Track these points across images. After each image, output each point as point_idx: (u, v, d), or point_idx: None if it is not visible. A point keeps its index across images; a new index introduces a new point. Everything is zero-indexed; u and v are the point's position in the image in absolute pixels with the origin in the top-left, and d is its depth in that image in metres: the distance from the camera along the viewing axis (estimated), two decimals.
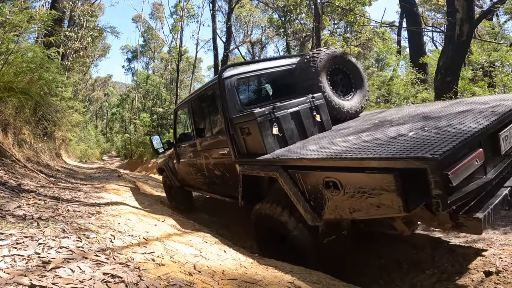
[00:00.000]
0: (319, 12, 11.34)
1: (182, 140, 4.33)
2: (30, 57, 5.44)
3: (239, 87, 2.95)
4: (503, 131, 1.89)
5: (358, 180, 1.65)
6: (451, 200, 1.43)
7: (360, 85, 3.26)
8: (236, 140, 2.78)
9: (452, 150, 1.42)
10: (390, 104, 6.00)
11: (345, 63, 3.22)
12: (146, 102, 28.74)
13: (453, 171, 1.41)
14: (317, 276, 1.90)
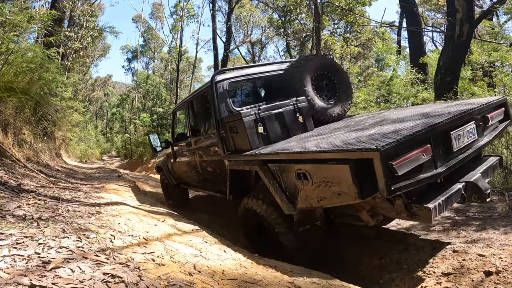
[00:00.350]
0: (319, 12, 11.34)
1: (179, 139, 4.48)
2: (30, 57, 5.44)
3: (230, 90, 3.17)
4: (455, 131, 2.10)
5: (322, 171, 1.87)
6: (395, 187, 1.62)
7: (344, 90, 3.45)
8: (225, 138, 2.99)
9: (393, 144, 1.63)
10: (390, 104, 6.01)
11: (332, 70, 3.41)
12: (146, 102, 28.73)
13: (397, 162, 1.62)
14: (317, 276, 1.90)
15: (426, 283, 1.99)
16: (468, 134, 2.24)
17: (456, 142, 2.11)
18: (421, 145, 1.78)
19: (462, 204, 2.53)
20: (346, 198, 1.78)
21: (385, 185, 1.58)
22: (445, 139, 2.05)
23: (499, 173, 3.97)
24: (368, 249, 2.65)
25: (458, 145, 2.12)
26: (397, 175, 1.62)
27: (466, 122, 2.23)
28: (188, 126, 4.10)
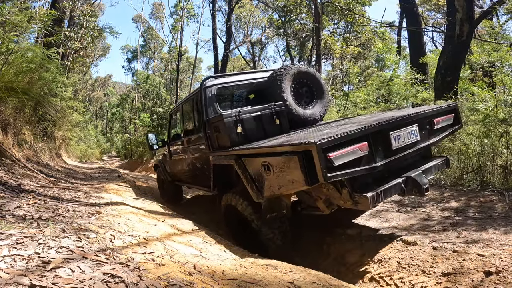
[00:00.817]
0: (319, 12, 11.34)
1: (175, 139, 4.78)
2: (30, 57, 5.44)
3: (218, 95, 3.51)
4: (394, 132, 2.39)
5: (280, 162, 2.19)
6: (331, 175, 1.92)
7: (321, 97, 3.74)
8: (210, 137, 3.37)
9: (329, 139, 1.94)
10: (390, 104, 6.01)
11: (310, 78, 3.69)
12: (146, 102, 28.73)
13: (333, 154, 1.93)
14: (316, 276, 1.90)
15: (426, 283, 1.99)
16: (408, 135, 2.54)
17: (395, 142, 2.40)
18: (358, 142, 2.09)
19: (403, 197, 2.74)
20: (297, 185, 2.09)
21: (321, 173, 1.88)
22: (384, 138, 2.34)
23: (499, 173, 3.98)
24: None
25: (398, 144, 2.41)
26: (334, 165, 1.93)
27: (407, 124, 2.55)
28: (181, 127, 4.50)
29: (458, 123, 3.10)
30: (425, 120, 2.75)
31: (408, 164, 2.60)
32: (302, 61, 22.62)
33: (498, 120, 3.98)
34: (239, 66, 30.90)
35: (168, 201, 5.36)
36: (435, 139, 2.82)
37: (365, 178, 2.31)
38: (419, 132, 2.64)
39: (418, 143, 2.62)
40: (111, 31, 17.47)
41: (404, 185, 2.34)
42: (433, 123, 2.80)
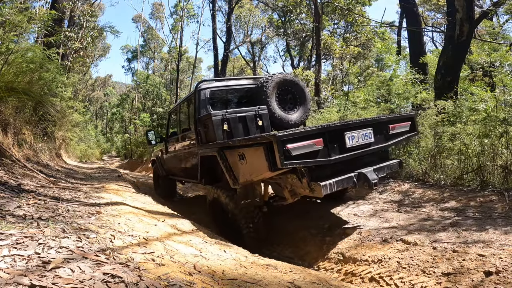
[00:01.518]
0: (319, 12, 11.34)
1: (172, 136, 5.19)
2: (30, 57, 5.44)
3: (210, 97, 3.90)
4: (349, 132, 2.78)
5: (251, 152, 2.63)
6: (288, 162, 2.32)
7: (304, 103, 4.06)
8: (200, 133, 3.80)
9: (287, 134, 2.36)
10: (390, 105, 6.01)
11: (294, 86, 4.04)
12: (146, 102, 28.72)
13: (291, 146, 2.33)
14: (316, 276, 1.90)
15: (426, 283, 1.99)
16: (363, 137, 2.90)
17: (349, 141, 2.78)
18: (314, 138, 2.49)
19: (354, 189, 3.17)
20: (263, 171, 2.52)
21: (279, 160, 2.29)
22: (339, 137, 2.74)
23: (499, 173, 3.98)
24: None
25: (352, 143, 2.80)
26: (291, 155, 2.33)
27: (362, 127, 2.92)
28: (178, 125, 4.90)
29: (414, 130, 3.48)
30: (380, 125, 3.13)
31: (365, 162, 3.00)
32: (302, 61, 22.63)
33: (499, 120, 3.98)
34: (239, 66, 30.89)
35: (161, 195, 5.80)
36: (390, 141, 3.19)
37: (323, 171, 2.72)
38: (374, 135, 3.02)
39: (372, 144, 2.98)
40: (112, 30, 17.47)
41: (356, 179, 2.76)
42: (389, 128, 3.17)
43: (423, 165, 4.75)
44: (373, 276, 2.26)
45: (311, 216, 3.78)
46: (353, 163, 2.88)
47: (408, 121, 3.41)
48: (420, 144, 5.08)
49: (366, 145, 2.92)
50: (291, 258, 3.02)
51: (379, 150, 3.13)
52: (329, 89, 16.44)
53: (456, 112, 4.71)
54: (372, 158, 3.13)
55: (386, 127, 3.16)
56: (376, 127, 3.05)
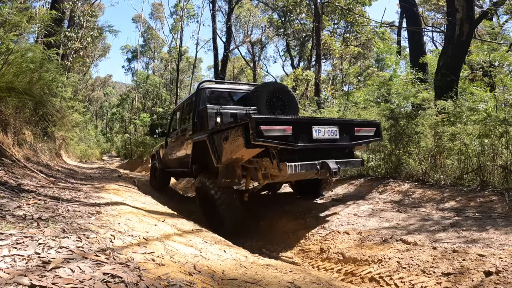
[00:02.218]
0: (319, 12, 11.34)
1: (172, 132, 5.71)
2: (30, 57, 5.44)
3: (210, 95, 4.47)
4: (316, 126, 3.22)
5: (233, 132, 3.08)
6: (259, 139, 2.76)
7: (292, 108, 4.44)
8: (196, 124, 4.35)
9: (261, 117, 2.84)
10: (391, 105, 6.00)
11: (284, 94, 4.45)
12: (146, 102, 28.72)
13: (264, 127, 2.78)
14: (317, 276, 1.90)
15: (426, 283, 1.99)
16: (329, 132, 3.33)
17: (316, 133, 3.21)
18: (285, 125, 2.95)
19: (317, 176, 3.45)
20: (240, 148, 2.96)
21: (253, 137, 2.75)
22: (308, 128, 3.17)
23: (499, 173, 3.97)
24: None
25: (317, 136, 3.22)
26: (264, 135, 2.78)
27: (329, 125, 3.38)
28: (179, 121, 5.43)
29: (378, 136, 3.89)
30: (346, 126, 3.56)
31: (330, 155, 3.44)
32: (302, 61, 22.62)
33: (499, 120, 3.98)
34: (239, 66, 30.89)
35: (155, 188, 6.55)
36: (354, 142, 3.61)
37: (291, 156, 3.15)
38: (340, 133, 3.42)
39: (337, 141, 3.41)
40: (110, 30, 17.43)
41: (319, 167, 3.20)
42: (354, 130, 3.59)
43: (423, 165, 4.75)
44: (373, 276, 2.26)
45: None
46: (319, 154, 3.33)
47: (373, 127, 3.84)
48: (420, 144, 5.09)
49: (331, 140, 3.36)
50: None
51: (344, 147, 3.65)
52: (329, 89, 16.44)
53: (456, 112, 4.71)
54: (337, 153, 3.60)
55: (352, 128, 3.59)
56: (342, 126, 3.49)
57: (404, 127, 5.06)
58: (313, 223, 3.54)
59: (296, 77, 15.44)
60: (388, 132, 5.24)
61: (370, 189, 4.73)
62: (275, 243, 3.45)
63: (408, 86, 6.02)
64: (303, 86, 16.47)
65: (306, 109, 10.06)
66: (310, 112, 9.67)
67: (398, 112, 5.35)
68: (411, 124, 5.05)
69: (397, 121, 5.14)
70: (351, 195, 4.71)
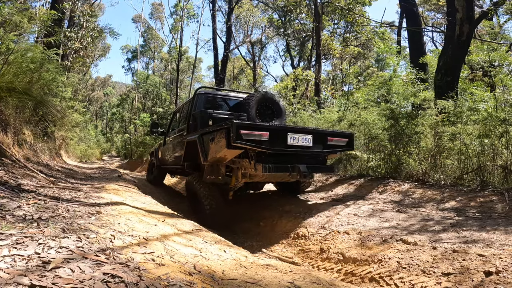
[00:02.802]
0: (319, 12, 11.34)
1: (170, 131, 6.16)
2: (30, 57, 5.43)
3: (206, 100, 4.85)
4: (291, 134, 3.58)
5: (218, 134, 3.47)
6: (238, 141, 3.18)
7: (280, 116, 4.74)
8: (191, 125, 4.75)
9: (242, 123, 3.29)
10: (391, 104, 6.01)
11: (272, 103, 4.74)
12: (146, 102, 28.72)
13: (243, 132, 3.18)
14: (317, 276, 1.90)
15: (426, 283, 1.99)
16: (302, 140, 3.65)
17: (290, 140, 3.56)
18: (263, 131, 3.34)
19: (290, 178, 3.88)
20: (223, 148, 3.36)
21: (233, 139, 3.17)
22: (283, 135, 3.53)
23: (499, 173, 3.97)
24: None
25: (292, 142, 3.57)
26: (243, 138, 3.20)
27: (304, 133, 3.70)
28: (177, 122, 5.85)
29: (350, 146, 4.21)
30: (320, 135, 3.88)
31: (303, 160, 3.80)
32: (302, 61, 22.62)
33: (499, 120, 3.98)
34: (239, 66, 30.89)
35: (152, 182, 7.09)
36: (326, 151, 3.93)
37: (267, 159, 3.58)
38: (313, 141, 3.75)
39: (310, 148, 3.73)
40: (111, 32, 17.44)
41: (291, 169, 3.60)
42: (327, 139, 3.91)
43: (423, 165, 4.75)
44: (373, 276, 2.26)
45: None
46: (293, 158, 3.74)
47: (346, 138, 4.14)
48: (420, 144, 5.08)
49: (305, 147, 3.69)
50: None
51: (317, 154, 3.95)
52: (329, 89, 16.43)
53: (456, 112, 4.71)
54: (310, 159, 3.94)
55: (325, 138, 3.91)
56: (316, 135, 3.81)
57: (404, 127, 5.06)
58: (313, 223, 3.54)
59: (296, 77, 15.44)
60: (388, 132, 5.24)
61: (370, 189, 4.73)
62: (275, 243, 3.45)
63: (408, 86, 6.02)
64: (303, 86, 16.47)
65: (306, 109, 10.06)
66: (310, 112, 9.66)
67: (398, 112, 5.35)
68: (411, 124, 5.05)
69: (397, 121, 5.14)
70: (351, 195, 4.71)
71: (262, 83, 31.79)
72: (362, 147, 6.11)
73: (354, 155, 5.79)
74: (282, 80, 25.27)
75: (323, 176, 6.18)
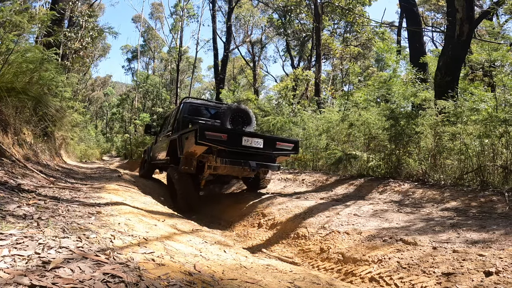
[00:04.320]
0: (319, 12, 11.34)
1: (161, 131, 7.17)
2: (30, 57, 5.43)
3: (189, 108, 5.88)
4: (245, 137, 4.52)
5: (190, 134, 4.39)
6: (202, 140, 4.16)
7: (249, 124, 5.53)
8: (175, 128, 5.77)
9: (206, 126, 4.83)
10: (391, 104, 6.01)
11: (243, 113, 5.53)
12: (146, 102, 28.72)
13: (207, 133, 4.20)
14: (317, 276, 1.90)
15: (426, 283, 1.99)
16: (254, 142, 4.58)
17: (244, 142, 4.51)
18: (223, 133, 4.35)
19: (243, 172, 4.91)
20: (192, 144, 4.29)
21: (197, 138, 4.12)
22: (239, 138, 4.50)
23: (499, 173, 3.98)
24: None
25: (245, 144, 4.52)
26: (206, 138, 4.17)
27: (256, 137, 4.66)
28: (167, 124, 6.75)
29: (296, 151, 5.08)
30: (270, 140, 4.82)
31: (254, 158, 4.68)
32: (302, 61, 22.62)
33: (499, 120, 3.98)
34: (239, 66, 30.89)
35: (143, 176, 7.93)
36: (274, 152, 4.84)
37: (226, 155, 4.50)
38: (264, 144, 4.65)
39: (260, 149, 4.63)
40: (111, 31, 17.42)
41: (243, 164, 4.53)
42: (276, 143, 4.81)
43: (423, 165, 4.75)
44: (373, 276, 2.26)
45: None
46: (246, 156, 4.62)
47: (292, 143, 5.00)
48: (420, 144, 5.09)
49: (256, 148, 4.60)
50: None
51: (269, 155, 4.83)
52: (329, 89, 16.43)
53: (457, 112, 4.71)
54: (260, 158, 4.77)
55: (274, 142, 4.82)
56: (266, 140, 4.72)
57: (404, 127, 5.06)
58: (313, 223, 3.54)
59: (296, 77, 15.45)
60: (388, 132, 5.25)
61: (370, 189, 4.73)
62: (275, 243, 3.45)
63: (408, 86, 6.02)
64: (303, 86, 16.47)
65: (306, 109, 10.06)
66: (310, 112, 9.67)
67: (398, 112, 5.35)
68: (411, 124, 5.05)
69: (397, 121, 5.14)
70: (351, 195, 4.72)
71: (262, 83, 31.79)
72: (362, 147, 6.11)
73: (354, 155, 5.79)
74: (282, 80, 25.27)
75: (323, 176, 6.18)
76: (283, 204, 4.30)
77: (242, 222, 4.25)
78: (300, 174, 6.75)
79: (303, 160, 7.99)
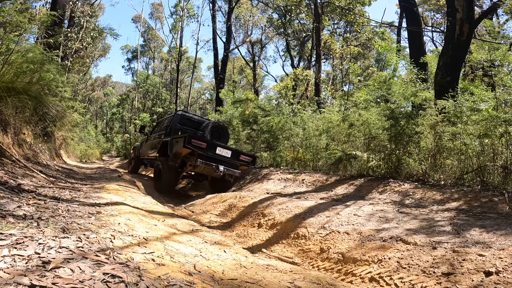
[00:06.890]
0: (319, 12, 11.34)
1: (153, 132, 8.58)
2: (30, 58, 5.43)
3: (181, 119, 7.40)
4: (219, 148, 5.99)
5: (180, 139, 5.96)
6: (188, 145, 5.60)
7: (225, 137, 7.12)
8: (168, 132, 7.18)
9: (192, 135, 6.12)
10: (391, 104, 6.01)
11: (221, 128, 7.16)
12: (146, 102, 28.72)
13: (193, 140, 5.68)
14: (316, 276, 1.90)
15: (426, 283, 1.99)
16: (225, 153, 6.01)
17: (218, 151, 5.94)
18: (203, 142, 5.80)
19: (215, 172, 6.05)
20: (181, 147, 5.73)
21: (184, 143, 5.61)
22: (214, 147, 5.93)
23: (499, 173, 3.97)
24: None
25: (219, 152, 5.94)
26: (192, 143, 5.60)
27: (226, 149, 6.11)
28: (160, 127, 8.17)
29: (254, 163, 6.64)
30: (236, 152, 6.29)
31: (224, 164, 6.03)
32: (302, 61, 22.62)
33: (499, 120, 3.98)
34: (239, 66, 30.88)
35: (130, 172, 9.21)
36: (237, 162, 6.25)
37: (203, 158, 5.78)
38: (231, 154, 6.10)
39: (228, 158, 6.07)
40: (111, 33, 17.43)
41: (215, 166, 5.81)
42: (240, 155, 6.28)
43: (423, 165, 4.75)
44: (373, 276, 2.26)
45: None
46: (217, 161, 5.93)
47: (251, 157, 6.49)
48: (420, 144, 5.08)
49: (225, 157, 6.03)
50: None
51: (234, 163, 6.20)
52: (329, 89, 16.43)
53: (457, 112, 4.71)
54: (229, 164, 6.14)
55: (239, 154, 6.29)
56: (233, 152, 6.19)
57: (404, 127, 5.06)
58: (313, 223, 3.54)
59: (296, 77, 15.44)
60: (388, 132, 5.24)
61: (370, 189, 4.73)
62: (275, 243, 3.45)
63: (409, 86, 6.02)
64: (303, 86, 16.47)
65: (306, 109, 10.07)
66: (310, 112, 9.67)
67: (398, 112, 5.35)
68: (411, 124, 5.05)
69: (397, 121, 5.14)
70: (351, 195, 4.72)
71: (262, 83, 31.78)
72: (362, 147, 6.11)
73: (354, 155, 5.78)
74: (282, 80, 25.27)
75: (323, 176, 6.18)
76: (283, 204, 4.30)
77: (242, 222, 4.21)
78: (300, 174, 6.75)
79: (303, 160, 8.00)
